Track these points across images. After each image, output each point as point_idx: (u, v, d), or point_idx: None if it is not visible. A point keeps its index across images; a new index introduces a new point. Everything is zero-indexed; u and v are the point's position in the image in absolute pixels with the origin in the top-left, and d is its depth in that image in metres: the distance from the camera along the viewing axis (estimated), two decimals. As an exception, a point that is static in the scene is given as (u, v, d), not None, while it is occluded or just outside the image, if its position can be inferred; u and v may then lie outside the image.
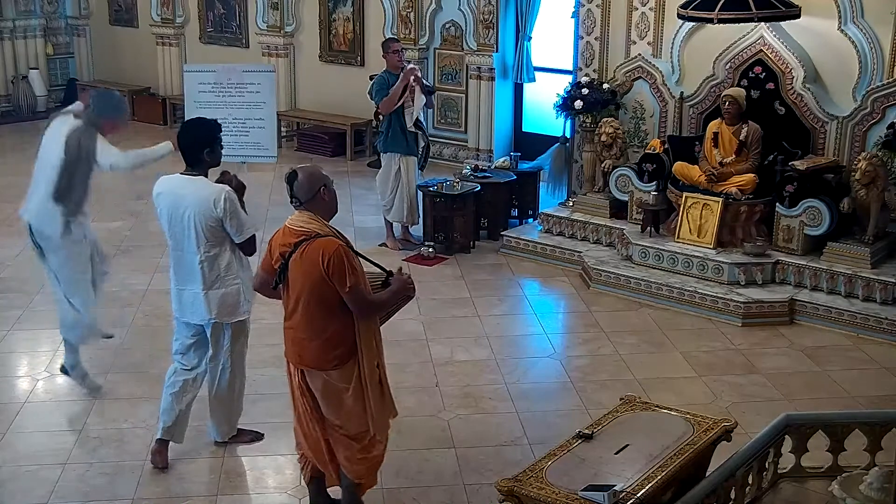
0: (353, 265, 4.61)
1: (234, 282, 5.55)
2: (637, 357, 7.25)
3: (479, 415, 6.40)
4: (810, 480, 5.37)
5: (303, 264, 4.61)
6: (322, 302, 4.64)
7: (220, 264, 5.51)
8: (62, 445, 5.99)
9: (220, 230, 5.43)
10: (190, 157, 5.51)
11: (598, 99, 9.16)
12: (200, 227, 5.40)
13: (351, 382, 4.72)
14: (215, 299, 5.54)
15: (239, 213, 5.44)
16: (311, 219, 4.70)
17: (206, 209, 5.37)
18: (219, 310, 5.57)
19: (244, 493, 5.57)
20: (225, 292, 5.55)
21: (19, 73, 15.10)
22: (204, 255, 5.47)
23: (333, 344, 4.68)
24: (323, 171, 4.88)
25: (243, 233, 5.47)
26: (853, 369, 7.09)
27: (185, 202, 5.42)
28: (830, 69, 8.47)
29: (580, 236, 9.16)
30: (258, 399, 6.39)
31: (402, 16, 12.24)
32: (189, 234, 5.45)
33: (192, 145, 5.49)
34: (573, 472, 4.46)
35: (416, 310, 7.90)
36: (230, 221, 5.40)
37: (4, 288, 8.49)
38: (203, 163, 5.52)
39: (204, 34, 14.37)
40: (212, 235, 5.43)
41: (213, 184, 5.47)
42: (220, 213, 5.36)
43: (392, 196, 9.36)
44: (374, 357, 4.79)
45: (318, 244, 4.60)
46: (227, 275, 5.53)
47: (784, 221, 8.18)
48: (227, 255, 5.52)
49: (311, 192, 4.72)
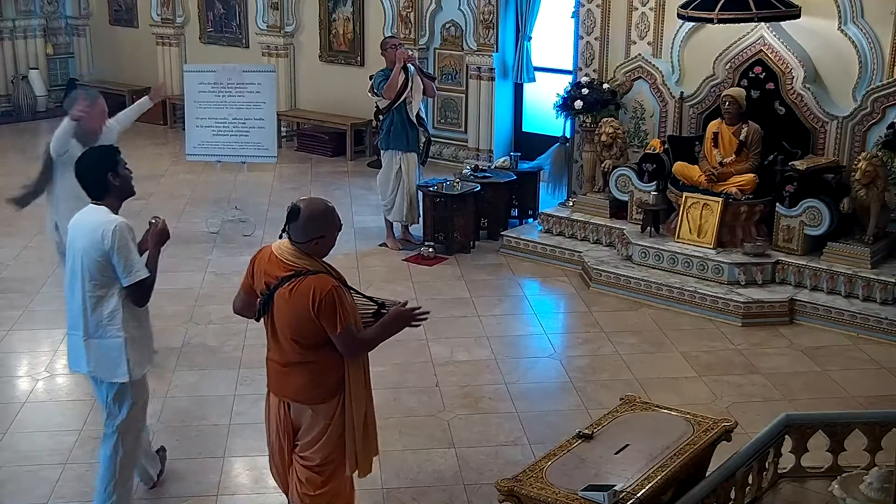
0: (345, 306, 4.23)
1: (116, 334, 4.79)
2: (637, 357, 7.25)
3: (479, 415, 6.41)
4: (810, 480, 5.37)
5: (291, 301, 4.24)
6: (309, 339, 4.31)
7: (104, 310, 4.77)
8: (62, 445, 5.99)
9: (107, 268, 4.70)
10: (92, 189, 4.81)
11: (598, 99, 9.16)
12: (87, 262, 4.71)
13: (334, 418, 4.42)
14: (93, 350, 4.83)
15: (130, 249, 4.69)
16: (301, 254, 4.29)
17: (94, 241, 4.66)
18: (96, 363, 4.85)
19: (244, 493, 5.57)
20: (105, 344, 4.82)
21: (19, 73, 15.10)
22: (87, 296, 4.76)
23: (317, 380, 4.38)
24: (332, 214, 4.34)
25: (131, 274, 4.69)
26: (853, 369, 7.09)
27: (77, 232, 4.79)
28: (830, 69, 8.47)
29: (580, 236, 9.16)
30: (258, 399, 6.35)
31: (402, 16, 12.24)
32: (77, 269, 4.77)
33: (91, 175, 4.80)
34: (573, 472, 4.45)
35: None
36: (117, 256, 4.66)
37: (4, 288, 8.49)
38: (111, 191, 4.80)
39: (204, 34, 14.37)
40: (98, 273, 4.71)
41: (109, 214, 4.75)
42: (107, 247, 4.64)
43: (393, 196, 9.36)
44: (362, 394, 4.48)
45: (309, 282, 4.21)
46: (111, 324, 4.79)
47: (784, 221, 8.18)
48: (114, 302, 4.77)
49: (305, 237, 4.27)
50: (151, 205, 10.13)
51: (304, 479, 4.50)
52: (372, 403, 4.59)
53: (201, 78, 9.95)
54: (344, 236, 9.62)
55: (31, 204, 6.91)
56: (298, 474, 4.52)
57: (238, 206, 10.15)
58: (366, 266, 9.05)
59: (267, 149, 9.93)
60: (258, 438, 6.00)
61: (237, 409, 6.42)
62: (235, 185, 10.23)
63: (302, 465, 4.51)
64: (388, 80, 9.00)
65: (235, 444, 6.01)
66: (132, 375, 4.88)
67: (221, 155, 10.01)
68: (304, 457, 4.50)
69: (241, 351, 7.21)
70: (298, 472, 4.52)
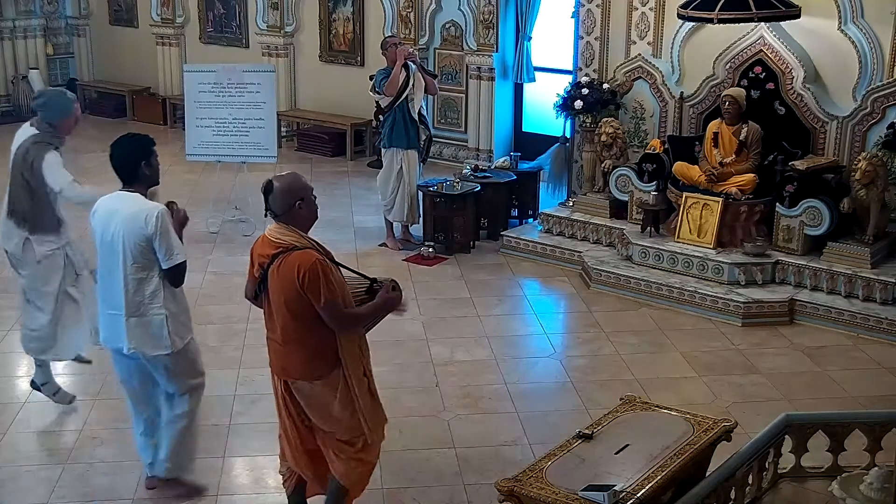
0: (329, 279, 4.44)
1: (158, 311, 5.09)
2: (637, 357, 7.25)
3: (479, 415, 6.41)
4: (810, 480, 5.37)
5: (279, 277, 4.48)
6: (300, 315, 4.51)
7: (146, 290, 5.06)
8: (62, 445, 5.99)
9: (149, 251, 4.99)
10: (125, 174, 5.12)
11: (598, 99, 9.16)
12: (129, 245, 4.98)
13: (337, 392, 4.61)
14: (136, 328, 5.09)
15: (170, 234, 5.01)
16: (287, 230, 4.54)
17: (137, 226, 4.96)
18: (139, 340, 5.11)
19: (244, 493, 5.57)
20: (146, 321, 5.09)
21: (19, 73, 15.10)
22: (129, 278, 5.04)
23: (316, 355, 4.58)
24: (303, 179, 4.66)
25: (172, 257, 5.02)
26: (853, 369, 7.09)
27: (116, 218, 5.03)
28: (830, 69, 8.47)
29: (580, 236, 9.16)
30: (258, 399, 6.39)
31: (402, 16, 12.24)
32: (117, 253, 5.02)
33: (125, 161, 5.11)
34: (573, 472, 4.46)
35: (416, 310, 7.90)
36: (159, 241, 4.97)
37: (4, 288, 8.48)
38: (141, 179, 5.12)
39: (204, 34, 14.37)
40: (140, 256, 5.00)
41: (148, 202, 5.08)
42: (150, 231, 4.95)
43: (393, 196, 9.36)
44: (359, 366, 4.68)
45: (294, 257, 4.45)
46: (152, 303, 5.07)
47: (784, 221, 8.18)
48: (155, 282, 5.07)
49: (285, 205, 4.54)
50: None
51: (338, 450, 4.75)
52: (371, 373, 4.79)
53: (201, 78, 9.95)
54: (344, 236, 9.76)
55: None
56: (333, 448, 4.75)
57: (238, 206, 10.15)
58: (366, 266, 9.02)
59: (267, 149, 9.94)
60: (258, 438, 6.02)
61: (237, 409, 6.42)
62: (235, 185, 10.22)
63: (333, 438, 4.74)
64: (390, 77, 9.01)
65: (235, 444, 6.01)
66: (173, 347, 5.17)
67: (221, 155, 10.01)
68: (330, 432, 4.73)
69: (241, 351, 7.20)
70: (333, 445, 4.75)
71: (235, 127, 9.83)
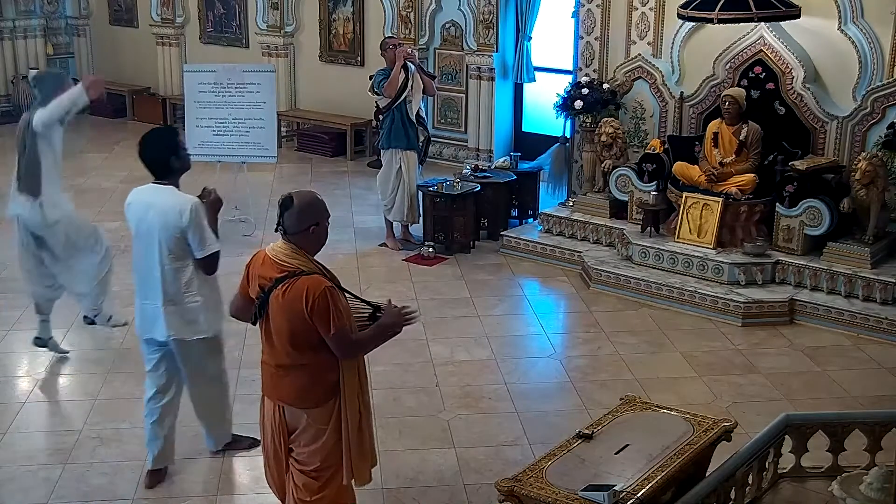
0: (338, 307, 4.23)
1: (194, 299, 5.34)
2: (637, 357, 7.25)
3: (479, 415, 6.41)
4: (810, 480, 5.37)
5: (285, 303, 4.25)
6: (303, 342, 4.30)
7: (182, 279, 5.29)
8: (62, 445, 5.99)
9: (184, 242, 5.21)
10: (157, 169, 5.31)
11: (598, 99, 9.16)
12: (165, 237, 5.20)
13: (329, 423, 4.40)
14: (173, 315, 5.33)
15: (204, 226, 5.22)
16: (295, 253, 4.31)
17: (173, 219, 5.17)
18: (177, 327, 5.36)
19: (244, 493, 5.57)
20: (183, 309, 5.34)
21: (19, 73, 15.09)
22: (166, 268, 5.26)
23: (314, 383, 4.36)
24: (323, 202, 4.45)
25: (205, 248, 5.22)
26: (853, 369, 7.09)
27: (152, 211, 5.23)
28: (830, 69, 8.48)
29: (580, 236, 9.16)
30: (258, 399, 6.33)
31: (402, 16, 12.24)
32: (153, 244, 5.23)
33: (156, 156, 5.28)
34: (573, 472, 4.46)
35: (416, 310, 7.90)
36: (193, 233, 5.17)
37: (4, 288, 8.49)
38: (172, 172, 5.32)
39: (204, 34, 14.37)
40: (176, 247, 5.22)
41: (183, 194, 5.27)
42: (185, 224, 5.15)
43: (393, 196, 9.36)
44: (356, 400, 4.44)
45: (302, 283, 4.22)
46: (188, 291, 5.32)
47: (784, 221, 8.18)
48: (190, 271, 5.30)
49: (301, 225, 4.32)
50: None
51: (300, 484, 4.48)
52: (368, 411, 4.57)
53: (201, 78, 9.95)
54: (344, 236, 9.75)
55: None
56: (295, 479, 4.50)
57: (238, 206, 10.14)
58: (366, 266, 9.05)
59: (267, 149, 9.93)
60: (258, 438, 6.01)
61: (237, 410, 6.40)
62: (235, 185, 10.22)
63: (298, 469, 4.49)
64: (389, 78, 9.01)
65: (233, 452, 5.99)
66: (212, 330, 5.46)
67: (221, 155, 10.01)
68: (300, 461, 4.48)
69: (240, 351, 7.20)
70: (295, 477, 4.50)
71: (235, 127, 9.83)
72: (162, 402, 5.53)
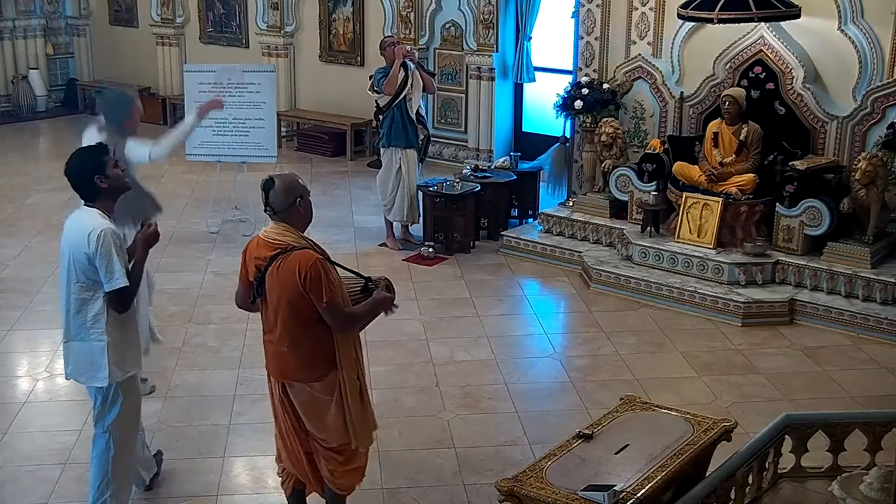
0: (330, 278, 4.45)
1: (99, 338, 4.74)
2: (637, 357, 7.25)
3: (479, 415, 6.41)
4: (810, 480, 5.36)
5: (279, 278, 4.47)
6: (300, 315, 4.50)
7: (88, 313, 4.74)
8: (62, 445, 5.98)
9: (91, 271, 4.67)
10: (81, 191, 4.76)
11: (598, 99, 9.16)
12: (73, 262, 4.71)
13: (333, 395, 4.61)
14: (74, 353, 4.82)
15: (112, 255, 4.62)
16: (285, 230, 4.54)
17: (80, 243, 4.65)
18: (73, 366, 4.85)
19: (244, 493, 5.57)
20: (86, 347, 4.77)
21: (19, 73, 15.11)
22: (72, 298, 4.76)
23: (314, 356, 4.57)
24: (300, 180, 4.66)
25: (112, 280, 4.63)
26: (853, 369, 7.09)
27: (68, 234, 4.79)
28: (830, 69, 8.47)
29: (580, 236, 9.16)
30: (257, 399, 6.38)
31: (402, 16, 12.24)
32: (64, 271, 4.79)
33: (79, 177, 4.74)
34: (573, 472, 4.45)
35: (416, 310, 7.91)
36: (100, 262, 4.62)
37: (4, 288, 8.49)
38: (99, 194, 4.73)
39: (204, 34, 14.37)
40: (83, 275, 4.70)
41: (98, 218, 4.70)
42: (91, 250, 4.61)
43: (393, 195, 9.36)
44: (353, 369, 4.67)
45: (294, 257, 4.45)
46: (94, 327, 4.75)
47: (784, 221, 8.18)
48: (99, 305, 4.73)
49: (286, 202, 4.53)
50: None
51: (326, 458, 4.78)
52: (364, 377, 4.80)
53: (201, 78, 9.95)
54: (344, 236, 9.77)
55: None
56: (322, 455, 4.77)
57: (238, 206, 10.15)
58: (366, 266, 9.03)
59: (267, 149, 9.93)
60: (258, 438, 6.01)
61: (237, 409, 6.42)
62: (235, 185, 10.22)
63: (323, 447, 4.75)
64: (389, 76, 9.02)
65: (235, 444, 6.01)
66: (111, 378, 4.79)
67: (221, 155, 10.01)
68: (320, 440, 4.74)
69: (241, 351, 7.21)
70: (322, 453, 4.77)
71: (235, 127, 9.83)
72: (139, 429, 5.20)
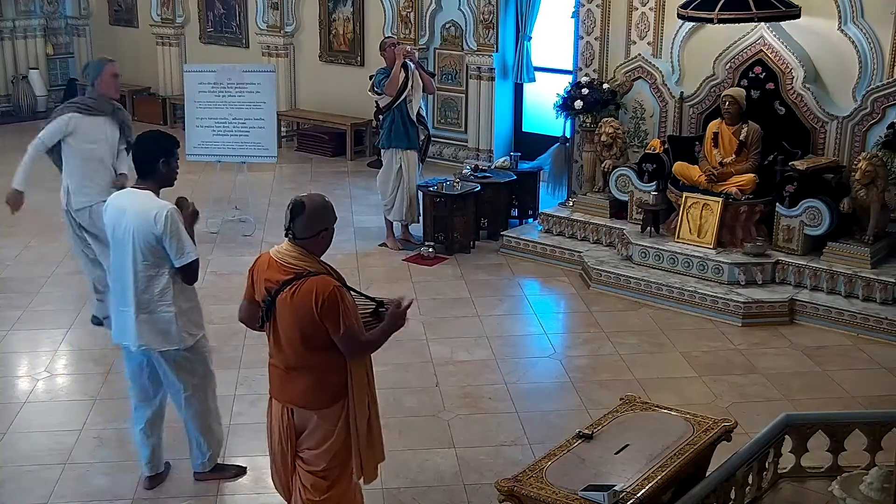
0: (346, 306, 4.22)
1: (167, 309, 5.14)
2: (637, 357, 7.25)
3: (479, 415, 6.41)
4: (810, 480, 5.37)
5: (293, 304, 4.23)
6: (313, 343, 4.28)
7: (155, 288, 5.12)
8: (62, 445, 5.99)
9: (159, 249, 5.04)
10: (141, 169, 5.16)
11: (598, 99, 9.16)
12: (139, 243, 5.03)
13: (338, 423, 4.40)
14: (144, 325, 5.16)
15: (181, 233, 5.03)
16: (301, 255, 4.28)
17: (146, 224, 4.99)
18: (148, 337, 5.18)
19: (244, 493, 5.57)
20: (155, 318, 5.15)
21: (19, 73, 15.10)
22: (140, 275, 5.10)
23: (324, 384, 4.36)
24: (330, 207, 4.38)
25: (183, 255, 5.05)
26: (853, 369, 7.09)
27: (126, 216, 5.07)
28: (830, 69, 8.47)
29: (580, 236, 9.16)
30: (258, 399, 6.38)
31: (402, 16, 12.24)
32: (128, 250, 5.08)
33: (145, 156, 5.15)
34: (573, 472, 4.45)
35: (416, 310, 7.91)
36: (170, 240, 5.00)
37: (4, 288, 8.49)
38: (156, 176, 5.14)
39: (204, 34, 14.37)
40: (150, 254, 5.05)
41: (158, 199, 5.09)
42: (159, 230, 4.98)
43: (393, 195, 9.36)
44: (364, 397, 4.46)
45: (311, 284, 4.21)
46: (162, 300, 5.13)
47: (784, 221, 8.18)
48: (165, 280, 5.12)
49: (311, 231, 4.28)
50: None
51: (308, 484, 4.49)
52: (376, 407, 4.58)
53: (201, 78, 9.95)
54: (344, 236, 9.75)
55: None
56: (303, 480, 4.50)
57: (238, 206, 10.15)
58: (366, 266, 9.05)
59: (267, 149, 9.93)
60: (258, 438, 5.99)
61: (237, 410, 6.42)
62: (235, 185, 10.22)
63: (306, 470, 4.49)
64: (390, 77, 9.01)
65: (235, 444, 6.00)
66: (183, 344, 5.23)
67: (221, 155, 10.01)
68: (308, 461, 4.49)
69: (241, 351, 7.20)
70: (303, 477, 4.50)
71: (235, 127, 9.83)
72: (146, 410, 5.46)
